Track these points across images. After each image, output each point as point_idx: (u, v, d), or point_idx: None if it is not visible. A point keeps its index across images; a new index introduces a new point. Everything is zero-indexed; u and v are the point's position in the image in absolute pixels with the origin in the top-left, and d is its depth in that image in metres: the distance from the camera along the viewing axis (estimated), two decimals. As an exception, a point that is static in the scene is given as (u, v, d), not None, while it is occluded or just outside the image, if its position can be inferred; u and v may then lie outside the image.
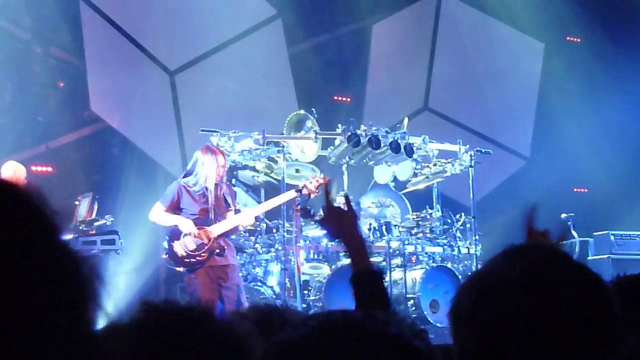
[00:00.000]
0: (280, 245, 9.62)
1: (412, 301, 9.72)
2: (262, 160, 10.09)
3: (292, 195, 8.95)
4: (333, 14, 13.63)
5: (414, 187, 10.92)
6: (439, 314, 9.54)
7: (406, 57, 13.94)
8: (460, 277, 9.67)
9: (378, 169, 10.84)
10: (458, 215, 10.54)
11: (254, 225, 9.29)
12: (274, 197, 9.19)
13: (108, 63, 12.10)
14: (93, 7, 12.00)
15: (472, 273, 1.82)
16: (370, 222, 10.15)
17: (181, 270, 8.44)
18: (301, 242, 9.66)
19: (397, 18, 13.99)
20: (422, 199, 10.92)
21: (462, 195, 11.26)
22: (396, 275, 10.02)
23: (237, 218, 8.51)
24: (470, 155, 10.37)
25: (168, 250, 8.34)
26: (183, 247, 8.27)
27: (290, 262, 9.50)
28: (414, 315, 9.46)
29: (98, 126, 12.11)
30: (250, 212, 8.74)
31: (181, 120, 12.47)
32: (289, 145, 10.13)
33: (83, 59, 11.98)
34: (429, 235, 10.38)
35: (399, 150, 9.98)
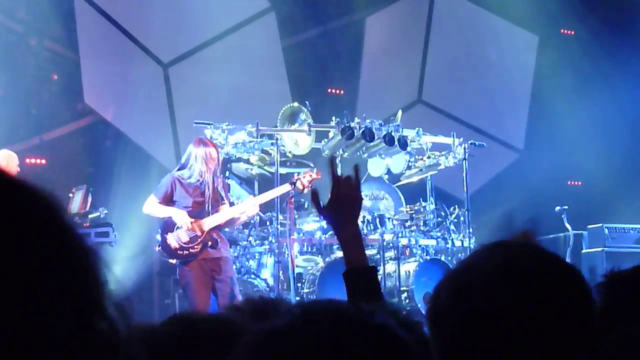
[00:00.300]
0: (274, 238, 9.62)
1: (405, 294, 9.73)
2: (256, 153, 10.09)
3: (288, 188, 8.97)
4: (327, 6, 13.61)
5: (407, 180, 10.92)
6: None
7: (400, 49, 13.93)
8: (453, 269, 9.67)
9: (372, 161, 10.84)
10: (452, 208, 10.55)
11: (249, 218, 9.29)
12: (267, 189, 9.20)
13: (102, 56, 12.08)
14: (87, 0, 11.98)
15: (449, 271, 1.82)
16: (363, 215, 10.15)
17: (174, 263, 8.45)
18: (295, 234, 9.67)
19: (391, 10, 13.98)
20: (415, 192, 10.93)
21: (455, 188, 11.27)
22: (390, 268, 10.04)
23: (240, 207, 8.58)
24: (464, 148, 10.37)
25: (161, 242, 8.35)
26: (176, 239, 8.28)
27: (284, 255, 9.50)
28: (407, 308, 9.47)
29: (92, 119, 12.10)
30: (255, 201, 8.79)
31: (175, 112, 12.46)
32: (282, 137, 10.12)
33: (77, 51, 11.97)
34: (423, 228, 10.39)
35: (393, 142, 9.97)
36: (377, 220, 10.10)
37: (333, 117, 10.20)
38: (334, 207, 3.00)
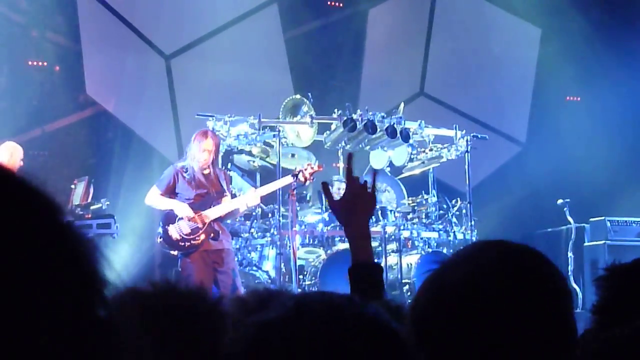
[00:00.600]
0: (275, 230, 9.64)
1: (407, 286, 9.74)
2: (258, 144, 10.10)
3: (290, 181, 8.98)
4: (329, -2, 13.61)
5: (409, 172, 10.92)
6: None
7: (402, 42, 13.91)
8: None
9: (374, 154, 10.83)
10: (454, 201, 10.56)
11: (249, 209, 9.30)
12: (269, 181, 9.21)
13: (104, 47, 12.08)
14: (89, -8, 11.98)
15: (427, 277, 1.82)
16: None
17: (176, 254, 8.47)
18: (297, 226, 9.66)
19: (393, 3, 13.95)
20: (417, 184, 10.93)
21: (457, 181, 11.25)
22: (391, 260, 10.03)
23: (242, 199, 8.59)
24: (466, 141, 10.37)
25: (163, 233, 8.37)
26: (178, 230, 8.30)
27: (285, 247, 9.50)
28: (409, 301, 9.47)
29: (94, 110, 12.09)
30: (256, 192, 8.80)
31: (177, 104, 12.45)
32: (284, 129, 10.12)
33: (79, 43, 11.96)
34: (425, 220, 10.40)
35: (395, 135, 9.97)
36: (379, 212, 10.10)
37: (335, 109, 10.19)
38: (347, 203, 2.99)
